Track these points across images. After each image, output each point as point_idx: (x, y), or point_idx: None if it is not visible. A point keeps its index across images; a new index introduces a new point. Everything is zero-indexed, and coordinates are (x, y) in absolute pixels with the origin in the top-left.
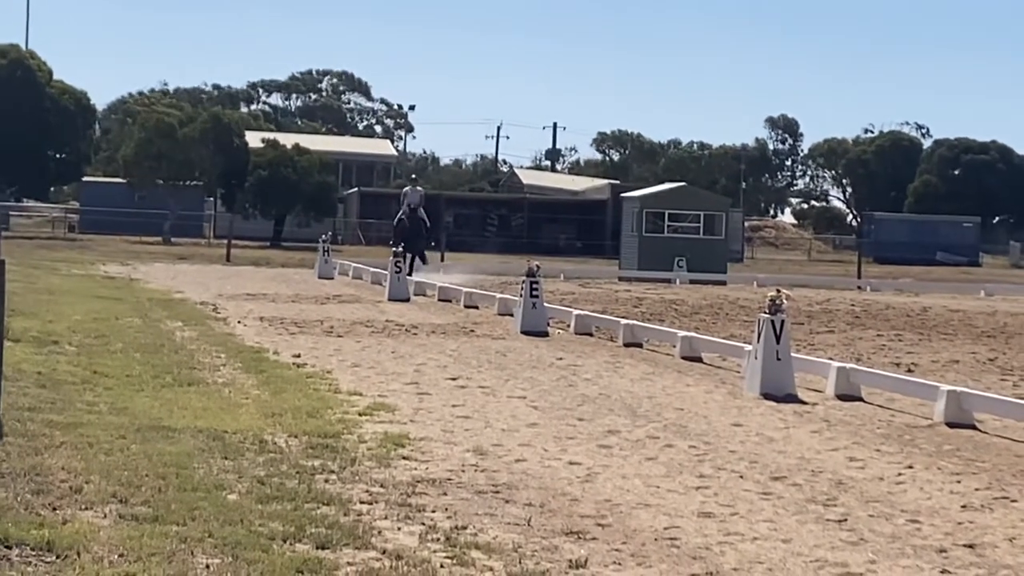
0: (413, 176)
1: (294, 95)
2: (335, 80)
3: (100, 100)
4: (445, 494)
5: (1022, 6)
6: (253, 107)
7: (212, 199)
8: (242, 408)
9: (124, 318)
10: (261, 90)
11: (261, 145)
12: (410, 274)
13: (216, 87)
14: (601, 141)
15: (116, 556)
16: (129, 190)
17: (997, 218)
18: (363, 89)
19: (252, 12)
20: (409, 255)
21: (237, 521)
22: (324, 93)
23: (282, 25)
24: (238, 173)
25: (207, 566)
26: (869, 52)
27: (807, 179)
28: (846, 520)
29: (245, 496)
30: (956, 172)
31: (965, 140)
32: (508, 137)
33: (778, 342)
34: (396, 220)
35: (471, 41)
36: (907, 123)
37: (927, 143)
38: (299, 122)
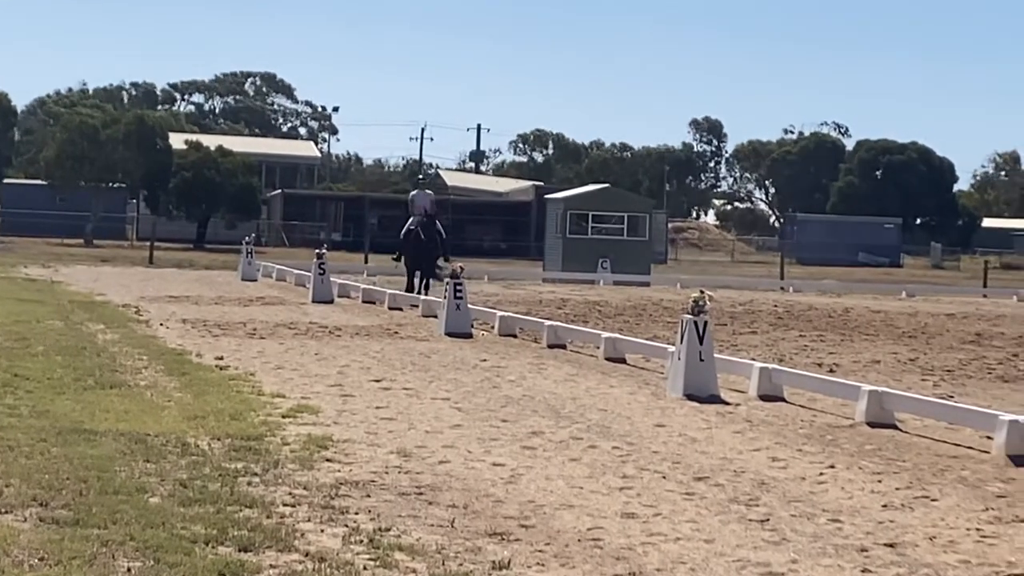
0: (420, 177)
1: (217, 96)
2: (258, 81)
3: (19, 101)
4: (368, 496)
5: (939, 9)
6: (174, 107)
7: (135, 201)
8: (164, 411)
9: (45, 321)
10: (184, 91)
11: (184, 147)
12: (425, 293)
13: (135, 85)
14: (524, 142)
15: (36, 560)
16: (51, 192)
17: (918, 219)
18: (286, 91)
19: (173, 11)
20: (419, 272)
21: (159, 524)
22: (247, 95)
23: (205, 25)
24: (161, 175)
25: (128, 569)
26: (791, 53)
27: (731, 181)
28: (768, 520)
29: (167, 499)
30: (878, 173)
31: (886, 141)
32: (432, 139)
33: (701, 343)
34: (404, 231)
35: (395, 43)
36: (826, 123)
37: (849, 144)
38: (222, 123)
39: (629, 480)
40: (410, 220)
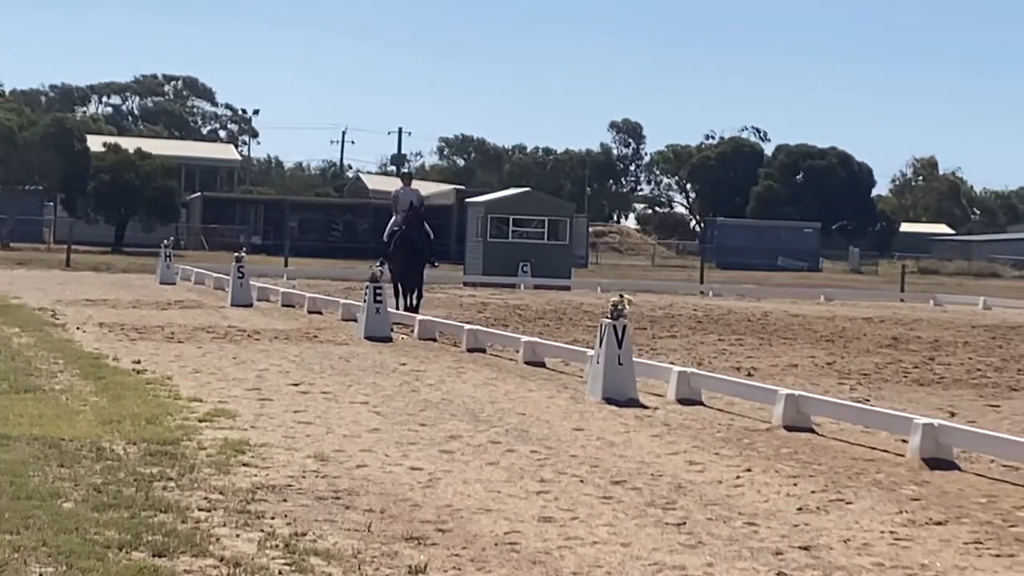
0: (406, 172)
1: (136, 98)
2: (178, 84)
3: None
4: (285, 500)
5: (858, 15)
6: (93, 109)
7: (52, 204)
8: (80, 415)
9: None
10: (102, 93)
11: (103, 149)
12: (416, 309)
13: (53, 87)
14: (446, 146)
15: None
16: None
17: (837, 224)
18: (207, 94)
19: (92, 13)
20: (403, 284)
21: (72, 530)
22: (167, 97)
23: (125, 28)
24: (79, 177)
25: (40, 575)
26: (712, 58)
27: (651, 184)
28: (685, 523)
29: (81, 504)
30: (797, 178)
31: (806, 146)
32: (353, 142)
33: (620, 347)
34: (387, 233)
35: (316, 46)
36: (746, 128)
37: (769, 149)
38: (141, 126)
39: (547, 484)
40: (392, 220)
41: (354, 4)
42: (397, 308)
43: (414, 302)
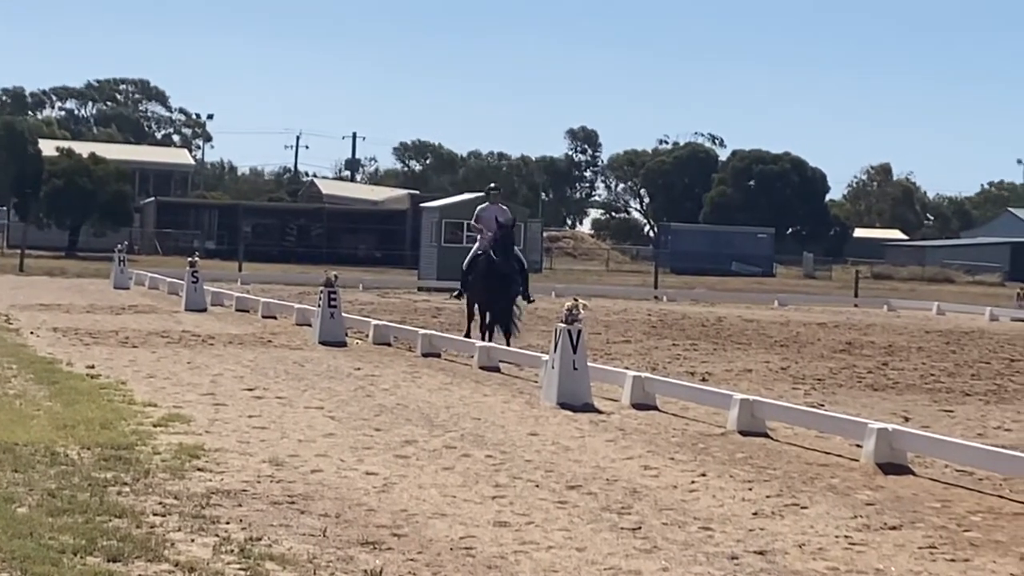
0: (493, 186)
1: (90, 102)
2: (131, 88)
3: None
4: (240, 505)
5: (814, 21)
6: (46, 113)
7: (4, 208)
8: (34, 420)
9: None
10: (55, 97)
11: (56, 154)
12: (490, 338)
13: (5, 91)
14: (402, 151)
15: None
16: None
17: (791, 229)
18: (160, 98)
19: (46, 17)
20: (489, 316)
21: (26, 535)
22: (120, 101)
23: (77, 31)
24: (32, 182)
25: None
26: (668, 64)
27: (606, 190)
28: (640, 528)
29: (35, 509)
30: (751, 183)
31: (759, 151)
32: (308, 147)
33: (575, 352)
34: (469, 259)
35: (270, 51)
36: (702, 135)
37: (723, 154)
38: (95, 130)
39: (502, 489)
40: (476, 244)
41: (308, 9)
42: (467, 335)
43: (504, 340)
